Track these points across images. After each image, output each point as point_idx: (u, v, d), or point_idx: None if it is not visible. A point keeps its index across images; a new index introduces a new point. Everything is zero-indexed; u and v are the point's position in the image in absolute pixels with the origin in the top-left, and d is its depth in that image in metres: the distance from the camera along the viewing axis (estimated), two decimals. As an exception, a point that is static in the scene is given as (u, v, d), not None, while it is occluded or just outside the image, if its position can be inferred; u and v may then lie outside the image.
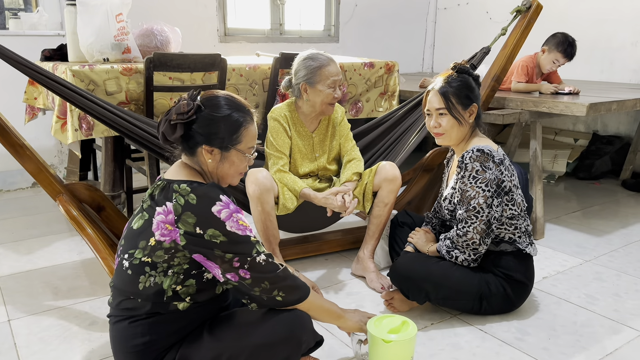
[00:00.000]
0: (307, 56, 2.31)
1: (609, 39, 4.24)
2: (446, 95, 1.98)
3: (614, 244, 2.83)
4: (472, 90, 2.02)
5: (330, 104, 2.32)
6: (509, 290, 2.00)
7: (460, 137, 2.03)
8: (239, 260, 1.33)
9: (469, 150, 1.94)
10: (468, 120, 2.01)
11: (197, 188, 1.35)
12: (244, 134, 1.43)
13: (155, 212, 1.35)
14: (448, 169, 2.20)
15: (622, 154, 4.19)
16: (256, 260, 1.35)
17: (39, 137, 3.63)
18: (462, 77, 2.02)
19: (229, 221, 1.32)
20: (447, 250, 1.98)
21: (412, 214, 2.40)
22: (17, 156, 2.08)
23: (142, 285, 1.36)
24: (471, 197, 1.91)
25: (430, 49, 5.65)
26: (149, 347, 1.37)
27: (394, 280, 2.06)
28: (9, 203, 3.50)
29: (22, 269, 2.48)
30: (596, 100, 2.80)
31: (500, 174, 1.93)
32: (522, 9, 2.73)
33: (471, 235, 1.92)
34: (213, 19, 4.27)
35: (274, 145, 2.33)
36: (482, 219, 1.91)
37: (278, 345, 1.38)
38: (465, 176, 1.93)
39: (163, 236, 1.33)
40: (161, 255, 1.34)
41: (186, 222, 1.31)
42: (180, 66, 2.53)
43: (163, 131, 1.40)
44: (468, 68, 2.06)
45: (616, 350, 1.85)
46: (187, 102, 1.38)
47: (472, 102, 2.00)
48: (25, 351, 1.83)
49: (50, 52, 2.94)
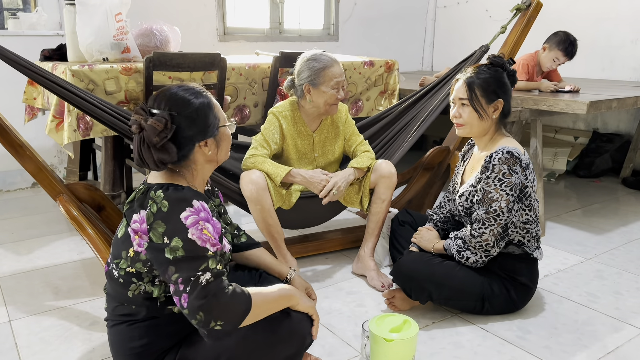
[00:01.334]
0: (310, 57, 2.29)
1: (609, 36, 4.24)
2: (471, 86, 1.93)
3: (615, 242, 2.82)
4: (502, 85, 1.95)
5: (334, 105, 2.31)
6: (513, 293, 1.99)
7: (481, 132, 1.99)
8: (182, 282, 1.24)
9: (497, 151, 1.89)
10: (491, 116, 1.95)
11: (171, 193, 1.29)
12: (216, 109, 1.41)
13: (131, 220, 1.32)
14: (464, 162, 2.15)
15: (622, 152, 4.19)
16: (198, 281, 1.24)
17: (38, 137, 3.62)
18: (493, 70, 1.96)
19: (192, 228, 1.26)
20: (457, 249, 1.96)
21: (413, 213, 2.39)
22: (17, 156, 2.08)
23: (131, 293, 1.35)
24: (493, 199, 1.87)
25: (430, 47, 5.65)
26: (147, 349, 1.37)
27: (397, 279, 2.05)
28: (9, 203, 3.49)
29: (22, 269, 2.48)
30: (596, 98, 2.80)
31: (525, 179, 1.90)
32: (522, 7, 2.73)
33: (487, 237, 1.89)
34: (212, 18, 4.26)
35: (263, 135, 2.33)
36: (500, 223, 1.88)
37: (280, 343, 1.37)
38: (491, 177, 1.88)
39: (139, 246, 1.30)
40: (140, 267, 1.32)
41: (156, 231, 1.26)
42: (179, 65, 2.53)
43: (157, 160, 1.31)
44: (504, 61, 1.99)
45: (617, 348, 1.85)
46: (157, 118, 1.29)
47: (498, 97, 1.94)
48: (26, 351, 1.82)
49: (49, 52, 2.93)
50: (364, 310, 2.10)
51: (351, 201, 2.45)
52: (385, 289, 2.23)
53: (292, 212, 2.36)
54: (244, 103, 2.89)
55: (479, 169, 1.97)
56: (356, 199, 2.45)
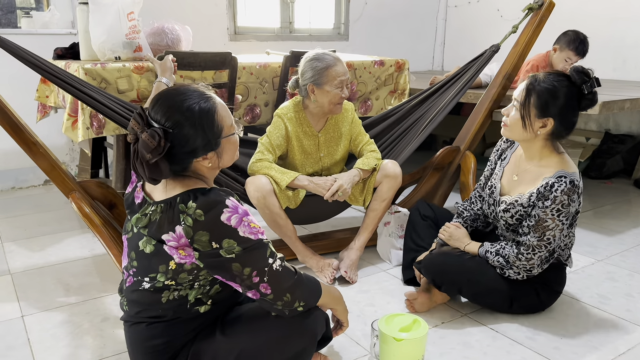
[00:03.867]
0: (312, 57, 2.30)
1: (622, 36, 4.20)
2: (529, 91, 1.79)
3: (626, 244, 2.80)
4: (562, 104, 1.75)
5: (338, 104, 2.32)
6: (543, 296, 2.00)
7: (522, 140, 1.87)
8: (257, 274, 1.27)
9: (560, 180, 1.77)
10: (536, 131, 1.80)
11: (201, 200, 1.25)
12: (219, 118, 1.31)
13: (164, 239, 1.27)
14: (502, 162, 2.05)
15: (634, 153, 4.15)
16: (273, 269, 1.29)
17: (50, 135, 3.64)
18: (565, 83, 1.76)
19: (240, 227, 1.25)
20: (500, 266, 1.92)
21: (434, 206, 2.34)
22: (30, 154, 2.10)
23: (165, 299, 1.33)
24: (548, 227, 1.80)
25: (441, 47, 5.63)
26: (166, 347, 1.36)
27: (427, 272, 2.00)
28: (21, 200, 3.53)
29: (34, 265, 2.51)
30: (609, 99, 2.78)
31: (578, 205, 1.86)
32: (534, 7, 2.71)
33: (534, 262, 1.86)
34: (223, 17, 4.27)
35: (269, 139, 2.34)
36: (550, 249, 1.86)
37: (292, 338, 1.38)
38: (549, 207, 1.78)
39: (182, 259, 1.27)
40: (185, 277, 1.30)
41: (200, 242, 1.24)
42: (191, 64, 2.54)
43: (150, 177, 1.25)
44: (582, 75, 1.75)
45: (629, 350, 1.84)
46: (150, 134, 1.21)
47: (549, 115, 1.78)
48: (38, 347, 1.84)
49: (62, 51, 2.96)
50: (374, 309, 2.10)
51: (355, 200, 2.46)
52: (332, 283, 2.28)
53: (298, 210, 2.38)
54: (255, 102, 2.90)
55: (529, 181, 1.88)
56: (360, 198, 2.45)
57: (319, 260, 2.37)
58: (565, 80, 1.78)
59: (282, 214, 2.28)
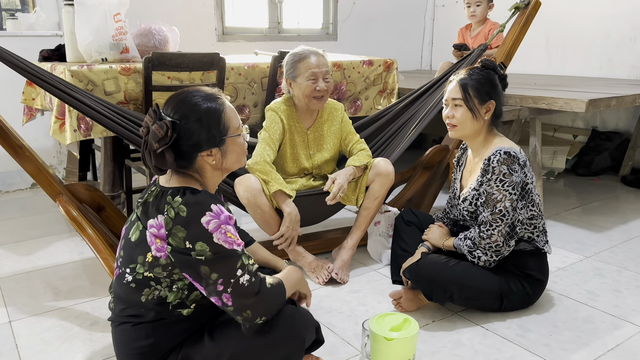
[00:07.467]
0: (291, 52, 2.35)
1: (608, 34, 4.24)
2: (465, 87, 1.97)
3: (614, 240, 2.83)
4: (494, 87, 2.00)
5: (314, 97, 2.31)
6: (528, 288, 2.02)
7: (473, 132, 2.01)
8: (222, 282, 1.28)
9: (495, 153, 1.92)
10: (483, 116, 1.99)
11: (188, 198, 1.29)
12: (226, 118, 1.37)
13: (148, 224, 1.32)
14: (460, 167, 2.18)
15: (621, 150, 4.19)
16: (239, 282, 1.29)
17: (37, 138, 3.62)
18: (485, 72, 2.01)
19: (216, 232, 1.27)
20: (468, 250, 1.97)
21: (417, 212, 2.38)
22: (16, 157, 2.08)
23: (144, 298, 1.35)
24: (497, 200, 1.90)
25: (429, 46, 5.65)
26: (152, 349, 1.37)
27: (416, 282, 2.02)
28: (9, 204, 3.49)
29: (22, 269, 2.48)
30: (595, 97, 2.80)
31: (524, 176, 1.93)
32: (520, 6, 2.73)
33: (495, 238, 1.91)
34: (211, 17, 4.26)
35: (268, 134, 2.33)
36: (507, 222, 1.90)
37: (280, 343, 1.37)
38: (492, 179, 1.91)
39: (158, 251, 1.30)
40: (160, 272, 1.32)
41: (176, 237, 1.27)
42: (179, 65, 2.52)
43: (155, 165, 1.32)
44: (495, 65, 2.05)
45: (617, 345, 1.85)
46: (159, 125, 1.29)
47: (490, 98, 1.99)
48: (26, 352, 1.82)
49: (48, 53, 2.93)
50: (365, 309, 2.11)
51: (348, 199, 2.46)
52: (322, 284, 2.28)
53: None
54: (244, 103, 2.89)
55: (478, 172, 1.99)
56: (353, 198, 2.45)
57: (311, 261, 2.37)
58: (485, 69, 2.03)
59: (273, 213, 2.27)
